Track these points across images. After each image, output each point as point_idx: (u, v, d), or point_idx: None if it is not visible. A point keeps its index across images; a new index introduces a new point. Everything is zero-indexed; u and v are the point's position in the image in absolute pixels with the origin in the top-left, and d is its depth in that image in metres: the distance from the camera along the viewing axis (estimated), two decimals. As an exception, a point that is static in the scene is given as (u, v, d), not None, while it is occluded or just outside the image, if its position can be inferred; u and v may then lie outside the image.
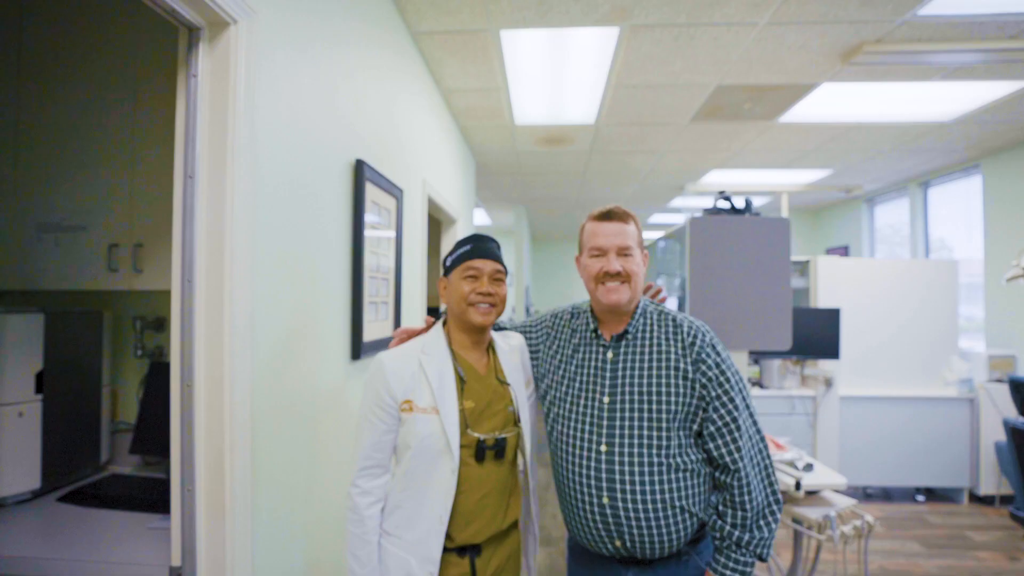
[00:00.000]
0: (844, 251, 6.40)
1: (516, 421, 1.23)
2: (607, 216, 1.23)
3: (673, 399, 1.13)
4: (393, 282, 2.05)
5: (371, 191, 1.77)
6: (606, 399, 1.18)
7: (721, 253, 1.91)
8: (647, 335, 1.22)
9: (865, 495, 3.84)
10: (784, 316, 1.89)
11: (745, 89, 2.98)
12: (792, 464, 2.11)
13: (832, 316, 3.50)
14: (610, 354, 1.22)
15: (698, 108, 3.28)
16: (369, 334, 1.76)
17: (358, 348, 1.65)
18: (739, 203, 2.15)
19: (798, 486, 1.96)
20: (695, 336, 1.17)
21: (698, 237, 1.92)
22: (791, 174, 5.07)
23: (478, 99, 3.16)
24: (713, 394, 1.14)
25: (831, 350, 3.46)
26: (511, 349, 1.33)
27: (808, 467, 2.10)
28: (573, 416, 1.21)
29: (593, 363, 1.24)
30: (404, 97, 2.26)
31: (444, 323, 1.29)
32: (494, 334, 1.34)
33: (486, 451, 1.15)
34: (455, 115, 3.44)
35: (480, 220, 7.83)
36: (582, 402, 1.21)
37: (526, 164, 4.75)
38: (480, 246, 1.23)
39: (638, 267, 1.22)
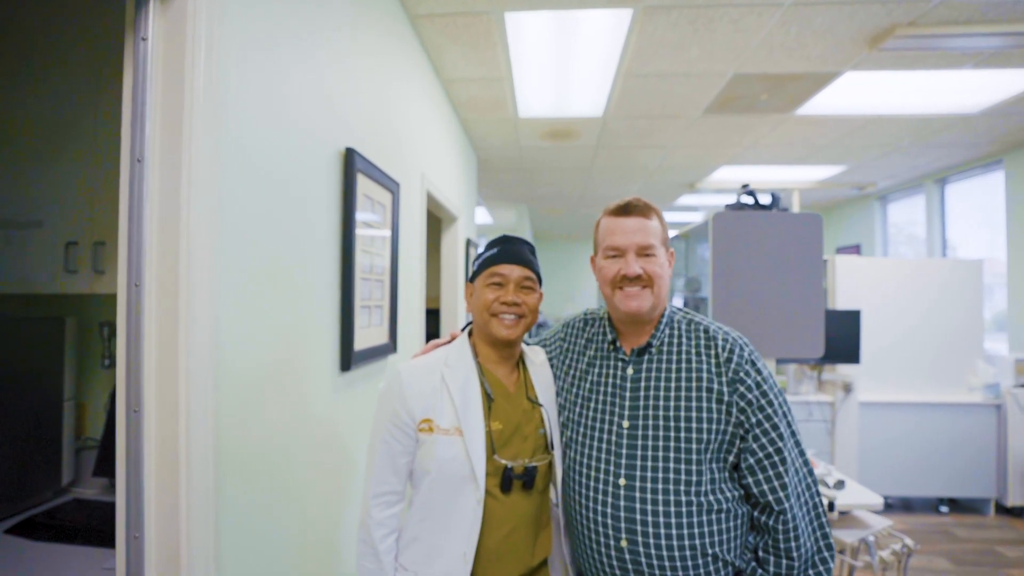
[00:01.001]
0: (856, 250, 6.23)
1: (548, 447, 1.08)
2: (625, 210, 1.06)
3: (705, 425, 0.97)
4: (388, 284, 1.89)
5: (363, 183, 1.60)
6: (625, 424, 1.01)
7: (747, 252, 1.75)
8: (674, 348, 1.05)
9: (885, 505, 3.67)
10: (816, 321, 1.73)
11: (763, 79, 2.81)
12: (822, 481, 1.95)
13: (852, 318, 3.33)
14: (630, 370, 1.05)
15: (712, 99, 3.11)
16: (361, 342, 1.60)
17: (348, 358, 1.49)
18: (763, 198, 1.98)
19: (831, 507, 1.79)
20: (731, 350, 1.01)
21: (722, 235, 1.75)
22: (803, 171, 4.90)
23: (480, 90, 2.99)
24: (753, 420, 0.97)
25: (851, 354, 3.29)
26: (542, 364, 1.19)
27: (840, 484, 1.94)
28: (588, 442, 1.05)
29: (611, 381, 1.07)
30: (401, 85, 2.09)
31: (470, 334, 1.15)
32: (525, 348, 1.19)
33: (513, 480, 1.01)
34: (456, 108, 3.28)
35: (481, 219, 7.66)
36: (598, 426, 1.05)
37: (529, 160, 4.58)
38: (508, 249, 1.09)
39: (662, 269, 1.05)
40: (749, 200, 1.96)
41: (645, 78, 2.82)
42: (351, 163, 1.50)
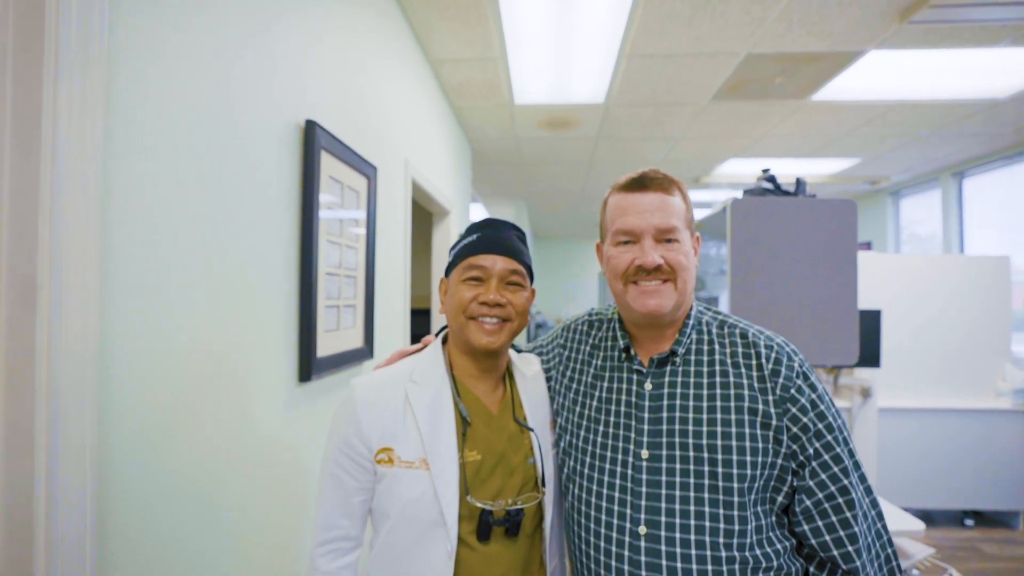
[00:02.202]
0: (867, 247, 6.00)
1: (539, 482, 0.87)
2: (640, 184, 0.85)
3: (748, 458, 0.76)
4: (363, 280, 1.67)
5: (329, 164, 1.39)
6: (644, 454, 0.80)
7: (770, 243, 1.53)
8: (704, 358, 0.84)
9: (904, 517, 3.45)
10: (848, 323, 1.51)
11: (778, 59, 2.59)
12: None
13: (872, 319, 3.11)
14: (648, 385, 0.84)
15: (722, 83, 2.89)
16: (326, 347, 1.38)
17: (308, 366, 1.27)
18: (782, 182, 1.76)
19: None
20: (778, 360, 0.79)
21: (741, 224, 1.54)
22: (814, 164, 4.68)
23: (473, 72, 2.78)
24: (810, 451, 0.76)
25: (871, 357, 3.07)
26: (534, 376, 0.97)
27: (872, 507, 1.71)
28: (597, 476, 0.84)
29: (623, 398, 0.86)
30: (380, 62, 1.88)
31: (445, 340, 0.94)
32: (514, 356, 0.98)
33: (492, 527, 0.81)
34: (448, 93, 3.06)
35: (479, 216, 7.45)
36: (608, 455, 0.83)
37: (527, 152, 4.36)
38: (490, 235, 0.88)
39: (687, 257, 0.84)
40: (770, 185, 1.74)
41: (651, 59, 2.60)
42: (312, 138, 1.28)
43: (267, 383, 1.14)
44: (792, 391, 0.77)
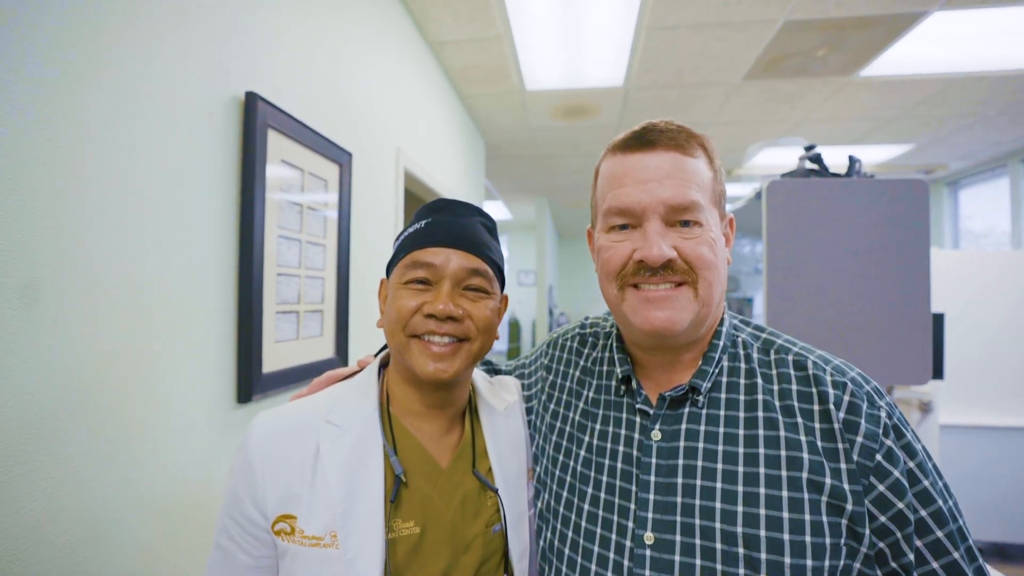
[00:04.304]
0: (920, 244, 5.48)
1: (505, 558, 0.64)
2: (642, 140, 0.60)
3: (808, 561, 0.50)
4: (335, 281, 1.47)
5: (282, 145, 1.18)
6: (648, 537, 0.56)
7: (816, 234, 1.24)
8: (740, 397, 0.58)
9: (970, 548, 3.04)
10: (920, 332, 1.21)
11: (822, 26, 2.26)
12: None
13: (934, 324, 2.72)
14: (657, 434, 0.59)
15: (755, 58, 2.57)
16: (279, 360, 1.18)
17: (249, 384, 1.07)
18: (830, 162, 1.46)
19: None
20: (855, 406, 0.53)
21: (779, 211, 1.25)
22: (861, 152, 4.26)
23: (476, 54, 2.55)
24: (909, 556, 0.50)
25: (934, 367, 2.68)
26: (508, 411, 0.74)
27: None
28: (580, 561, 0.60)
29: (622, 449, 0.61)
30: (362, 41, 1.67)
31: (384, 365, 0.72)
32: (481, 384, 0.74)
33: None
34: (453, 79, 2.84)
35: (498, 214, 7.24)
36: (599, 534, 0.60)
37: (543, 144, 4.11)
38: (441, 222, 0.65)
39: (711, 248, 0.58)
40: (815, 167, 1.45)
41: (673, 31, 2.32)
42: (253, 114, 1.08)
43: (191, 405, 0.94)
44: (879, 457, 0.51)
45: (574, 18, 2.21)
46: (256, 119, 1.08)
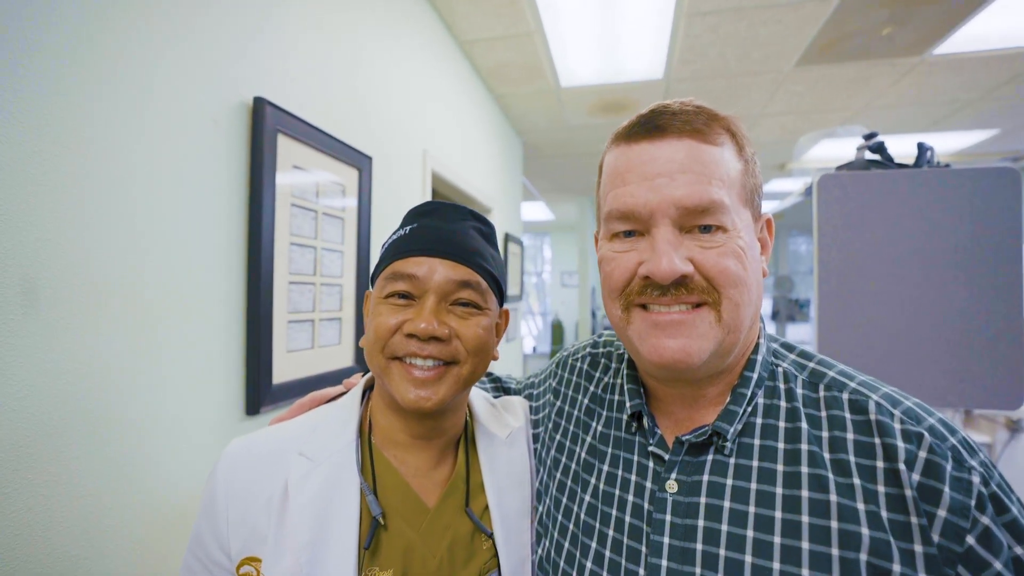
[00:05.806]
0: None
1: None
2: (651, 126, 0.50)
3: None
4: (354, 289, 1.44)
5: (293, 150, 1.16)
6: None
7: (876, 233, 1.09)
8: (779, 444, 0.47)
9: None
10: (1010, 347, 1.03)
11: (887, 1, 2.04)
12: None
13: None
14: (673, 485, 0.49)
15: (809, 42, 2.37)
16: (291, 370, 1.15)
17: (257, 395, 1.05)
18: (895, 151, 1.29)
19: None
20: (936, 467, 0.40)
21: (833, 207, 1.11)
22: (933, 140, 3.87)
23: (508, 52, 2.48)
24: None
25: (1022, 380, 2.37)
26: (511, 439, 0.66)
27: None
28: None
29: (632, 500, 0.52)
30: (383, 41, 1.64)
31: (369, 389, 0.66)
32: (480, 408, 0.67)
33: None
34: (484, 78, 2.79)
35: (540, 215, 7.15)
36: None
37: (582, 142, 4.00)
38: (429, 227, 0.58)
39: (739, 259, 0.47)
40: (876, 158, 1.28)
41: (716, 16, 2.16)
42: (262, 119, 1.05)
43: (196, 416, 0.92)
44: (970, 540, 0.38)
45: (607, 9, 2.10)
46: (264, 124, 1.05)
